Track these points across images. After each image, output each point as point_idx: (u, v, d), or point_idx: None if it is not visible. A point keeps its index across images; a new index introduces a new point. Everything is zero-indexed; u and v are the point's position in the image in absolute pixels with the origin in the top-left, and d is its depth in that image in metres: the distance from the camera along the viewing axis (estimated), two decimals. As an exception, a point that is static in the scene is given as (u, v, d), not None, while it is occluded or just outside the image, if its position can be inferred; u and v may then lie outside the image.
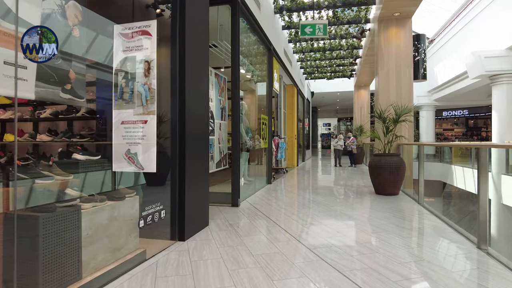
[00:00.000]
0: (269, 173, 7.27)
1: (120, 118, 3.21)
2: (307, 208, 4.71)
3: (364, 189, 6.59)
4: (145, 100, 3.17)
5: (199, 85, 3.51)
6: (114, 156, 3.11)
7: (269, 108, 7.26)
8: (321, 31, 6.02)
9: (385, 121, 6.00)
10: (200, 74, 3.53)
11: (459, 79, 13.18)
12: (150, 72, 3.17)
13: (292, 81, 11.53)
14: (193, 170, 3.32)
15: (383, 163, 5.71)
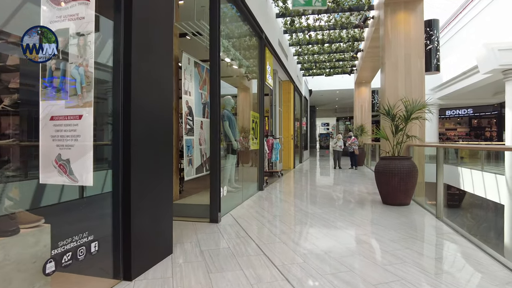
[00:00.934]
0: (260, 178, 6.41)
1: (48, 112, 2.34)
2: (302, 225, 3.85)
3: (368, 197, 5.73)
4: (80, 87, 2.30)
5: (157, 69, 2.64)
6: (42, 164, 2.26)
7: (261, 105, 6.40)
8: (319, 1, 5.14)
9: (394, 118, 5.15)
10: (158, 54, 2.66)
11: (466, 76, 12.37)
12: (86, 49, 2.30)
13: (288, 76, 10.67)
14: (145, 181, 2.45)
15: (393, 168, 4.86)
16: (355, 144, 11.06)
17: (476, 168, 8.17)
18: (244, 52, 5.87)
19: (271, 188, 6.79)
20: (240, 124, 6.04)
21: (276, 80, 9.68)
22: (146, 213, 2.46)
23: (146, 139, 2.46)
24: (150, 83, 2.54)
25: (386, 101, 5.57)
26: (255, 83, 6.50)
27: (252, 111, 5.89)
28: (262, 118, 6.45)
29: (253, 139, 5.97)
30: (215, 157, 3.96)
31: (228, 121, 5.33)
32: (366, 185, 7.45)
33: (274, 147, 8.97)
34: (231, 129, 5.36)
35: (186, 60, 4.76)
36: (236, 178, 5.80)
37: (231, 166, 5.52)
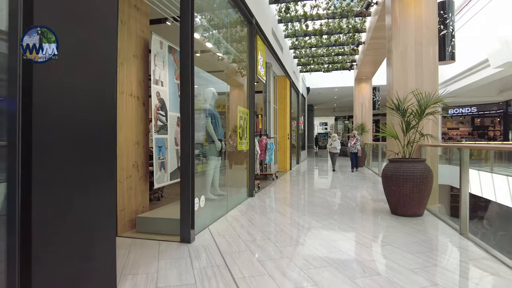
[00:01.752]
0: (251, 182, 5.63)
1: None
2: (295, 247, 3.07)
3: (373, 206, 4.96)
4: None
5: (90, 43, 1.84)
6: None
7: (251, 99, 5.62)
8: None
9: (404, 114, 4.38)
10: (92, 21, 1.86)
11: (472, 72, 11.65)
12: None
13: (284, 71, 9.90)
14: (63, 200, 1.66)
15: (404, 172, 4.10)
16: (358, 144, 10.13)
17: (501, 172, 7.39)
18: (230, 37, 5.09)
19: (263, 194, 6.01)
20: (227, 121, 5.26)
21: (270, 75, 8.90)
22: (62, 250, 1.66)
23: (63, 138, 1.67)
24: (74, 61, 1.74)
25: (395, 94, 4.81)
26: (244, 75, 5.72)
27: (239, 106, 5.10)
28: (252, 114, 5.67)
29: (241, 139, 5.19)
30: (186, 161, 3.17)
31: (210, 117, 4.55)
32: (368, 189, 6.69)
33: (268, 147, 8.20)
34: (215, 127, 4.58)
35: (157, 43, 3.97)
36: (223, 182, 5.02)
37: (215, 170, 4.74)
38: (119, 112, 3.47)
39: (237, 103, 5.13)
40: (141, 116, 3.86)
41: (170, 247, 3.01)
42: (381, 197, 5.68)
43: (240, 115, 5.11)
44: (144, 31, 3.95)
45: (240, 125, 5.12)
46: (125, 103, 3.58)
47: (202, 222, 3.65)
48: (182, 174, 3.18)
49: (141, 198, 3.89)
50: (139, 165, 3.82)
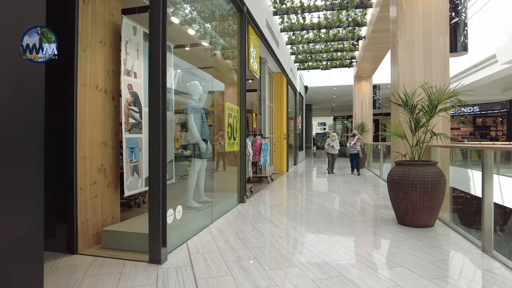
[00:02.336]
0: (241, 187, 5.10)
1: None
2: (288, 269, 2.55)
3: (377, 213, 4.44)
4: None
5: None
6: None
7: (242, 95, 5.10)
8: None
9: (413, 110, 3.87)
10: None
11: (477, 69, 11.17)
12: None
13: (280, 68, 9.39)
14: None
15: (413, 177, 3.59)
16: (358, 144, 9.35)
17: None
18: (217, 25, 4.57)
19: (256, 199, 5.48)
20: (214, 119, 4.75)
21: (265, 71, 8.39)
22: None
23: None
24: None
25: (402, 88, 4.29)
26: (234, 69, 5.19)
27: (228, 103, 4.57)
28: (243, 112, 5.14)
29: (231, 138, 4.67)
30: (155, 165, 2.64)
31: (193, 114, 4.02)
32: (370, 193, 6.17)
33: (262, 148, 7.68)
34: (199, 126, 4.05)
35: (129, 29, 3.45)
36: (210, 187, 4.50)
37: (200, 174, 4.22)
38: (81, 107, 2.94)
39: (226, 99, 4.60)
40: (110, 112, 3.32)
41: (136, 269, 2.49)
42: (384, 202, 5.16)
43: (229, 112, 4.58)
44: (115, 15, 3.42)
45: (229, 123, 4.59)
46: (89, 97, 3.05)
47: (179, 237, 3.13)
48: (150, 182, 2.65)
49: (110, 207, 3.35)
50: (107, 169, 3.29)
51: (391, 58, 5.06)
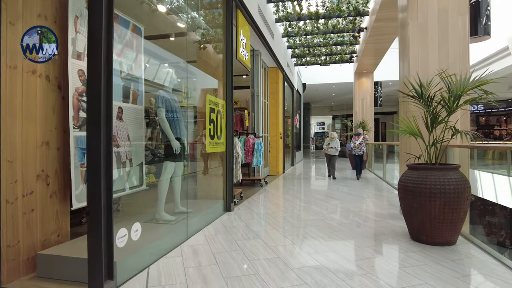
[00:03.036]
0: (228, 193, 4.43)
1: None
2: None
3: (385, 225, 3.78)
4: None
5: None
6: None
7: (228, 87, 4.43)
8: None
9: (429, 103, 3.21)
10: None
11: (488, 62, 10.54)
12: None
13: (275, 62, 8.72)
14: None
15: (432, 184, 2.93)
16: (364, 145, 8.16)
17: None
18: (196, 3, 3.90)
19: (245, 207, 4.81)
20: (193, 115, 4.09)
21: (259, 64, 7.72)
22: None
23: None
24: None
25: (415, 77, 3.62)
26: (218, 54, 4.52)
27: (209, 96, 3.89)
28: (230, 107, 4.47)
29: (214, 137, 3.99)
30: (94, 174, 1.97)
31: (165, 108, 3.35)
32: (373, 199, 5.51)
33: (255, 148, 7.02)
34: (173, 122, 3.39)
35: (80, 0, 2.77)
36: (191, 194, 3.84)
37: (174, 180, 3.55)
38: (7, 96, 2.27)
39: (208, 92, 3.93)
40: (55, 104, 2.65)
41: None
42: (391, 210, 4.51)
43: (211, 107, 3.91)
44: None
45: (211, 119, 3.92)
46: (21, 83, 2.37)
47: (138, 262, 2.46)
48: (89, 195, 1.98)
49: (56, 223, 2.68)
50: (51, 175, 2.62)
51: (400, 44, 4.39)
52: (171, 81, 3.45)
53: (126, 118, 3.34)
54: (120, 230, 2.28)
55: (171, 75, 3.44)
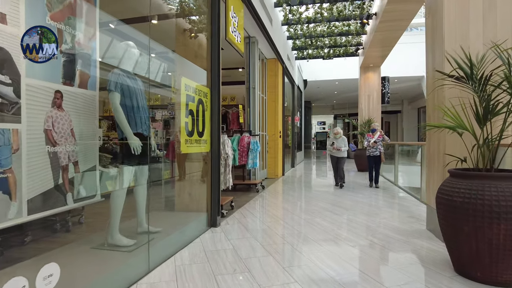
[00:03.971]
0: (213, 204, 3.55)
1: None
2: None
3: (414, 249, 2.90)
4: None
5: None
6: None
7: (214, 72, 3.55)
8: None
9: (483, 86, 2.33)
10: None
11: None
12: None
13: (275, 52, 7.85)
14: None
15: (492, 199, 2.05)
16: (381, 144, 6.67)
17: None
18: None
19: (236, 220, 3.94)
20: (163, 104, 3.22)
21: (255, 53, 6.84)
22: None
23: None
24: None
25: (458, 51, 2.73)
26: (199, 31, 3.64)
27: (184, 79, 3.00)
28: (216, 97, 3.59)
29: (192, 135, 3.11)
30: None
31: (122, 93, 2.48)
32: (388, 209, 4.63)
33: (251, 148, 6.14)
34: (131, 113, 2.51)
35: None
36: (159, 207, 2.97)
37: (137, 190, 2.67)
38: None
39: (184, 74, 3.05)
40: None
41: None
42: (416, 225, 3.63)
43: (189, 94, 3.03)
44: None
45: (189, 111, 3.04)
46: None
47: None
48: None
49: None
50: None
51: (426, 16, 3.52)
52: (130, 57, 2.57)
53: (68, 106, 2.47)
54: (14, 280, 1.40)
55: (129, 49, 2.57)
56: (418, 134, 21.02)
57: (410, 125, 21.68)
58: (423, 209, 4.61)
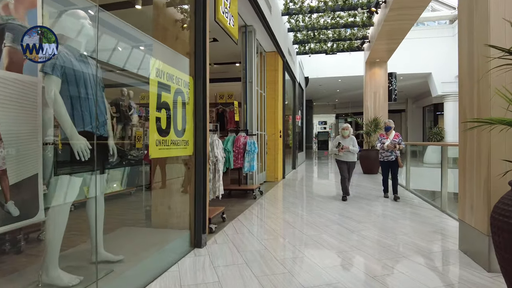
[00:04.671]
0: (197, 219, 2.89)
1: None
2: None
3: (454, 284, 2.23)
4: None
5: None
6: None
7: (198, 57, 2.89)
8: None
9: None
10: None
11: None
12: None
13: (274, 44, 7.19)
14: None
15: None
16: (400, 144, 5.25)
17: None
18: None
19: (226, 238, 3.28)
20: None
21: (252, 43, 6.18)
22: None
23: None
24: None
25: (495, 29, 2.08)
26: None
27: (155, 60, 2.33)
28: (201, 87, 2.93)
29: (166, 133, 2.45)
30: None
31: (64, 78, 1.81)
32: (406, 221, 3.96)
33: (247, 149, 5.49)
34: (77, 104, 1.85)
35: None
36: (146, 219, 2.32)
37: (89, 204, 2.01)
38: None
39: (156, 56, 2.38)
40: None
41: None
42: (444, 244, 2.97)
43: (162, 82, 2.36)
44: None
45: (161, 103, 2.37)
46: None
47: None
48: None
49: None
50: None
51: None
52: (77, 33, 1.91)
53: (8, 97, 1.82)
54: None
55: (77, 19, 1.91)
56: (423, 134, 20.33)
57: (415, 124, 20.99)
58: (446, 220, 3.96)
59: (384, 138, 5.37)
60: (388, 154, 5.32)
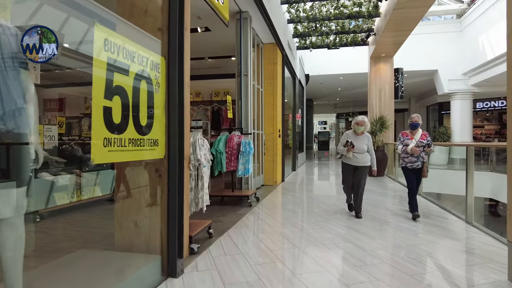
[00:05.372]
0: (171, 239, 2.24)
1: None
2: None
3: None
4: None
5: None
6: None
7: (173, 34, 2.23)
8: None
9: None
10: None
11: None
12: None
13: (273, 35, 6.55)
14: None
15: None
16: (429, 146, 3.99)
17: None
18: None
19: (210, 261, 2.62)
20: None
21: (248, 32, 5.51)
22: None
23: None
24: None
25: None
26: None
27: (102, 27, 1.68)
28: (177, 71, 2.27)
29: (121, 131, 1.80)
30: None
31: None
32: (429, 236, 3.31)
33: (242, 150, 4.84)
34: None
35: None
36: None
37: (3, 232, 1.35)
38: None
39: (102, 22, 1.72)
40: None
41: None
42: (490, 274, 2.32)
43: (112, 57, 1.71)
44: None
45: (114, 88, 1.72)
46: None
47: None
48: None
49: None
50: None
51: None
52: None
53: None
54: None
55: None
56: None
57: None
58: (477, 236, 3.31)
59: (408, 139, 4.10)
60: (413, 160, 4.02)
